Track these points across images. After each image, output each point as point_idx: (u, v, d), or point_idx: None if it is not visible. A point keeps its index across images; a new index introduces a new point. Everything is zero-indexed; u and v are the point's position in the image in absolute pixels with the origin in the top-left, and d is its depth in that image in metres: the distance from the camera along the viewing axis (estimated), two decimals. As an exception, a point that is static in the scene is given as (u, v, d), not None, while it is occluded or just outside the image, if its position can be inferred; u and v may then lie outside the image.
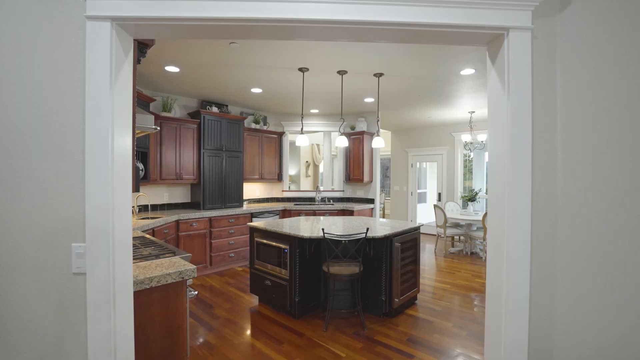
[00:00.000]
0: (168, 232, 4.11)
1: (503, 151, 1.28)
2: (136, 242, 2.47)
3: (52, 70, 1.18)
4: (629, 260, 1.13)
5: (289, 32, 1.32)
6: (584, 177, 1.21)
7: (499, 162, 1.31)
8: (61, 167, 1.19)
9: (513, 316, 1.26)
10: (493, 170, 1.36)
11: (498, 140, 1.32)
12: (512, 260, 1.26)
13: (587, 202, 1.21)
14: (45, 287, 1.18)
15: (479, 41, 1.37)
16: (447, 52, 3.25)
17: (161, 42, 3.05)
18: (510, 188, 1.26)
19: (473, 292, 4.10)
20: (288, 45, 3.14)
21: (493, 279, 1.36)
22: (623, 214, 1.13)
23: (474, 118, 6.58)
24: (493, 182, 1.35)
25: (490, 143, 1.37)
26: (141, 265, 1.85)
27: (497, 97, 1.32)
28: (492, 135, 1.35)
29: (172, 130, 4.67)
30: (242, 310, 3.49)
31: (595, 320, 1.19)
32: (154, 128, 2.00)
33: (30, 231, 1.17)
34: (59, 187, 1.18)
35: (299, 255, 3.22)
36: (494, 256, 1.35)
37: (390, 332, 2.99)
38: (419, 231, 3.69)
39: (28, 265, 1.17)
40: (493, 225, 1.35)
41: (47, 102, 1.17)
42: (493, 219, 1.35)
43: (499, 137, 1.31)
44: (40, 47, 1.17)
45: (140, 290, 1.65)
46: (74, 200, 1.19)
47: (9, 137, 1.16)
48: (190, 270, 1.84)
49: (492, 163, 1.37)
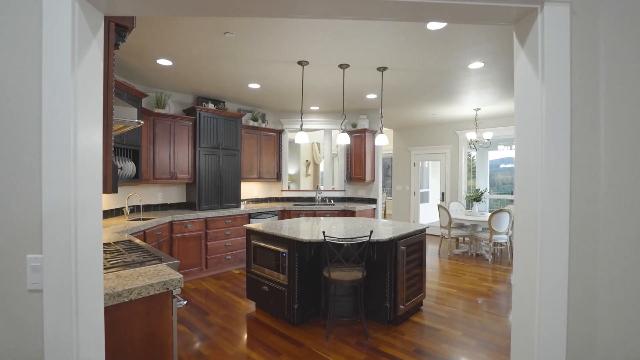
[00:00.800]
0: (161, 234, 3.92)
1: (535, 148, 1.09)
2: (121, 247, 2.28)
3: (1, 48, 0.99)
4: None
5: (284, 7, 1.13)
6: (632, 180, 1.02)
7: (529, 162, 1.12)
8: (13, 164, 1.00)
9: (548, 347, 1.07)
10: (521, 172, 1.17)
11: (528, 135, 1.13)
12: (547, 278, 1.07)
13: (635, 209, 1.02)
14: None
15: (505, 18, 1.18)
16: (454, 43, 3.06)
17: (151, 32, 2.86)
18: (544, 193, 1.07)
19: (480, 296, 3.91)
20: (287, 36, 2.95)
21: (522, 302, 1.16)
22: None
23: (480, 115, 6.39)
24: (521, 187, 1.16)
25: (518, 138, 1.18)
26: (122, 275, 1.67)
27: (528, 84, 1.13)
28: (520, 128, 1.16)
29: (166, 127, 4.47)
30: (238, 317, 3.30)
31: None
32: (137, 122, 1.81)
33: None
34: (10, 187, 1.00)
35: (298, 259, 3.03)
36: (523, 276, 1.16)
37: (395, 342, 2.80)
38: (424, 233, 3.50)
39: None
40: (521, 237, 1.16)
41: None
42: (521, 230, 1.16)
43: (529, 130, 1.12)
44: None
45: (118, 304, 1.47)
46: (28, 204, 1.00)
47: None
48: (176, 280, 1.65)
49: (520, 162, 1.18)
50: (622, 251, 1.04)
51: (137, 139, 3.86)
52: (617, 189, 1.05)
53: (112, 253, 2.08)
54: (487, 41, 3.00)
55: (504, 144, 7.73)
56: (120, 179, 3.55)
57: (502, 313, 3.42)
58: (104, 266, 1.75)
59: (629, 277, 1.03)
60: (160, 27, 2.78)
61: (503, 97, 5.07)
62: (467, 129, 7.15)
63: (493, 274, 4.81)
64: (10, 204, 1.00)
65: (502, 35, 2.86)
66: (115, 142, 3.41)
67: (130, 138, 3.71)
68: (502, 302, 3.73)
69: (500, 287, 4.26)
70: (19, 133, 1.00)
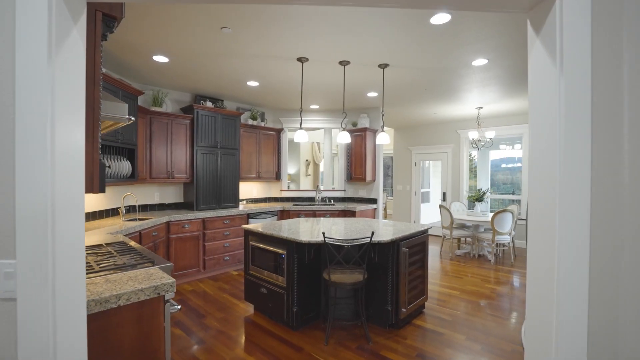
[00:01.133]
0: (157, 234, 3.83)
1: (552, 143, 1.01)
2: (113, 248, 2.20)
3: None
4: None
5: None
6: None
7: (545, 158, 1.04)
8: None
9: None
10: (536, 170, 1.08)
11: (545, 128, 1.04)
12: (565, 284, 0.98)
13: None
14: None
15: (518, 5, 1.09)
16: (458, 39, 2.97)
17: (146, 27, 2.78)
18: (563, 192, 0.98)
19: (483, 298, 3.83)
20: (285, 32, 2.86)
21: (536, 315, 1.08)
22: None
23: (482, 114, 6.31)
24: (537, 187, 1.08)
25: (533, 131, 1.09)
26: (111, 279, 1.58)
27: (545, 75, 1.04)
28: (535, 122, 1.08)
29: (163, 126, 4.39)
30: (236, 320, 3.22)
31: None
32: (128, 118, 1.73)
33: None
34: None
35: (297, 261, 2.95)
36: (537, 287, 1.07)
37: (397, 347, 2.72)
38: (427, 234, 3.41)
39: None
40: (536, 240, 1.08)
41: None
42: (537, 232, 1.08)
43: (546, 123, 1.04)
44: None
45: (106, 311, 1.39)
46: (1, 205, 0.92)
47: None
48: (168, 284, 1.57)
49: (535, 160, 1.09)
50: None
51: (133, 138, 3.78)
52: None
53: (103, 255, 2.00)
54: (491, 37, 2.92)
55: (506, 144, 7.65)
56: (116, 178, 3.47)
57: (506, 316, 3.33)
58: (93, 269, 1.67)
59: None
60: (155, 22, 2.70)
61: (505, 95, 4.98)
62: (469, 128, 7.07)
63: (495, 275, 4.73)
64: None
65: (507, 30, 2.78)
66: (110, 141, 3.33)
67: (126, 136, 3.62)
68: (506, 305, 3.64)
69: (503, 288, 4.18)
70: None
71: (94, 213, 3.63)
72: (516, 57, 3.36)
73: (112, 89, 3.34)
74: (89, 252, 2.07)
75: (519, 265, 5.24)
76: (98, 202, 3.74)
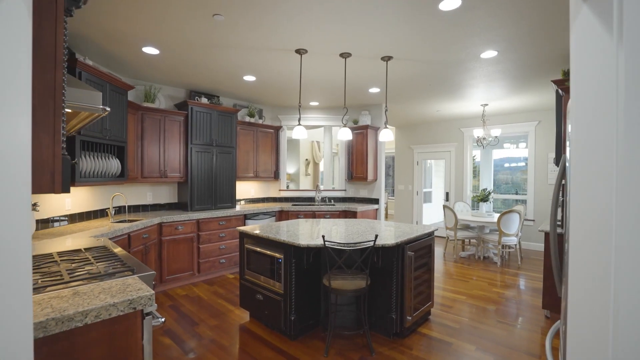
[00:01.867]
0: (148, 237, 3.64)
1: (607, 132, 0.82)
2: (92, 254, 2.00)
3: None
4: None
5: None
6: None
7: (596, 153, 0.85)
8: None
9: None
10: (580, 165, 0.89)
11: (596, 116, 0.85)
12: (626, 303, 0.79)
13: None
14: None
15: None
16: (467, 28, 2.78)
17: (132, 14, 2.58)
18: (620, 183, 0.79)
19: (491, 303, 3.64)
20: (283, 21, 2.66)
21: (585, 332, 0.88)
22: None
23: (487, 111, 6.11)
24: (580, 188, 0.88)
25: (577, 122, 0.90)
26: (81, 291, 1.39)
27: (596, 47, 0.85)
28: (582, 108, 0.89)
29: (155, 122, 4.19)
30: (231, 329, 3.02)
31: None
32: (103, 109, 1.53)
33: None
34: None
35: (295, 265, 2.75)
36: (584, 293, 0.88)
37: (402, 358, 2.52)
38: (433, 237, 3.22)
39: None
40: (580, 252, 0.89)
41: None
42: (579, 240, 0.88)
43: (598, 110, 0.84)
44: None
45: (70, 330, 1.19)
46: None
47: None
48: (145, 297, 1.37)
49: (580, 146, 0.90)
50: None
51: (122, 134, 3.58)
52: None
53: (79, 262, 1.80)
54: (502, 26, 2.72)
55: (510, 142, 7.46)
56: (103, 177, 3.27)
57: (515, 323, 3.14)
58: (62, 280, 1.47)
59: None
60: (142, 7, 2.50)
61: (512, 91, 4.79)
62: (473, 126, 6.88)
63: (502, 279, 4.54)
64: None
65: (519, 18, 2.58)
66: (95, 137, 3.13)
67: (114, 133, 3.43)
68: (514, 310, 3.45)
69: (511, 292, 3.99)
70: None
71: (80, 214, 3.44)
72: (529, 48, 3.16)
73: (99, 82, 3.15)
74: (64, 258, 1.87)
75: (526, 268, 5.04)
76: (85, 203, 3.54)
